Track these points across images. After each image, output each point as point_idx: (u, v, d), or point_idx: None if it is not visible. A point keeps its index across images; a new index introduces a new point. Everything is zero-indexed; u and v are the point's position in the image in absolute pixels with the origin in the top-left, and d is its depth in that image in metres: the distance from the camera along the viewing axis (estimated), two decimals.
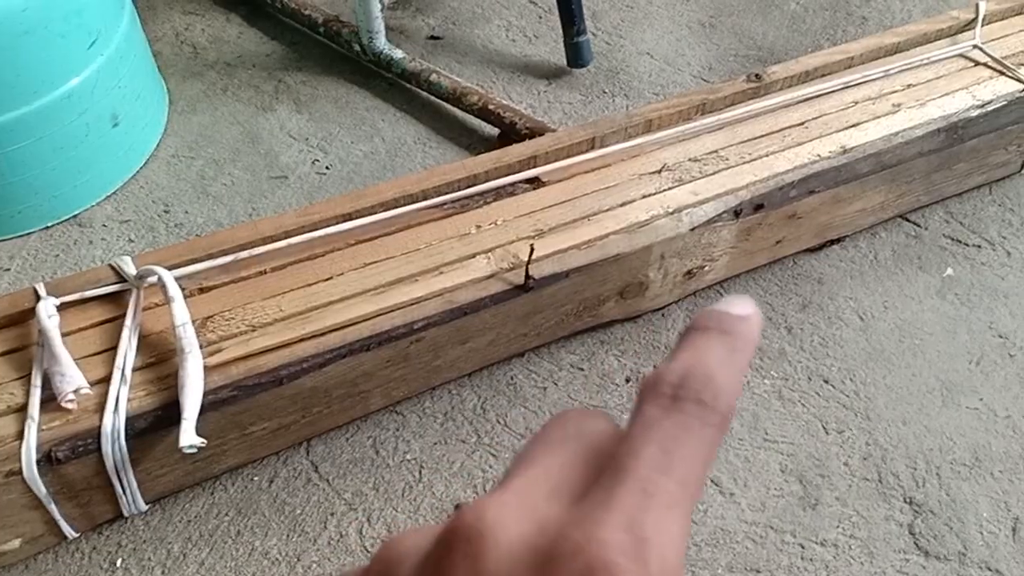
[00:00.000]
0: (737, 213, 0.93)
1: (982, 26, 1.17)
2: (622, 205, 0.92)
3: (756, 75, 1.06)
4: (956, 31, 1.18)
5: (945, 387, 0.99)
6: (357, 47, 1.26)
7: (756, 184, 0.94)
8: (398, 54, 1.25)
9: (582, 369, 0.98)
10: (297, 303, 0.80)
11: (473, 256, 0.86)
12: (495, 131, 1.21)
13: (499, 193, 0.92)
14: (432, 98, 1.25)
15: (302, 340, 0.78)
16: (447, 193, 0.90)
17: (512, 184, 0.93)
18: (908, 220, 1.15)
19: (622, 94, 1.31)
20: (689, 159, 0.97)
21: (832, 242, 1.11)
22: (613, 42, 1.41)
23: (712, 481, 0.90)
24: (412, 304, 0.81)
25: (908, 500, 0.89)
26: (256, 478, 0.87)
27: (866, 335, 1.03)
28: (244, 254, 0.82)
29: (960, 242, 1.13)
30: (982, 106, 1.05)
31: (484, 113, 1.19)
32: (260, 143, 1.19)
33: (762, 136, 1.01)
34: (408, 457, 0.90)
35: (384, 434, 0.91)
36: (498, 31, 1.40)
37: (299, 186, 1.14)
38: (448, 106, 1.24)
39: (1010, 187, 1.21)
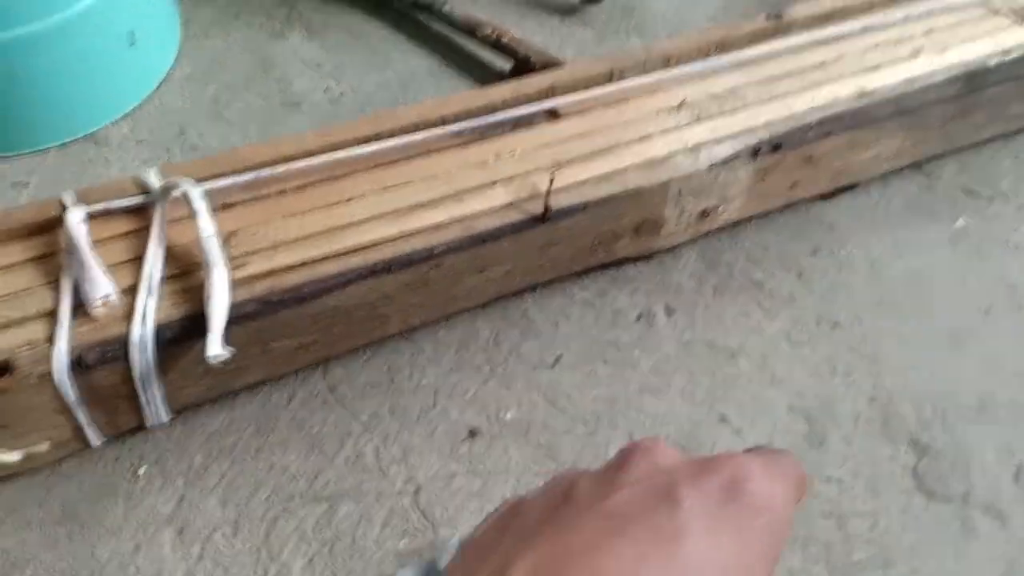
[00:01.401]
0: (755, 152, 0.97)
1: None
2: (640, 140, 0.96)
3: (776, 15, 1.09)
4: None
5: (953, 335, 1.03)
6: None
7: (775, 124, 0.98)
8: None
9: (594, 305, 1.02)
10: (319, 223, 0.84)
11: (492, 184, 0.89)
12: (507, 66, 1.24)
13: (517, 123, 0.96)
14: (444, 30, 1.28)
15: (325, 259, 0.81)
16: (465, 120, 0.94)
17: (530, 115, 0.96)
18: (922, 170, 1.20)
19: (636, 32, 1.35)
20: (708, 96, 1.01)
21: (844, 189, 1.15)
22: None
23: (721, 416, 0.95)
24: (432, 229, 0.85)
25: (913, 442, 0.94)
26: (275, 396, 0.91)
27: (876, 281, 1.08)
28: (266, 172, 0.85)
29: (973, 193, 1.18)
30: (1004, 54, 1.09)
31: (498, 46, 1.22)
32: (273, 69, 1.22)
33: (781, 76, 1.04)
34: (423, 383, 0.94)
35: (400, 360, 0.95)
36: None
37: (312, 113, 1.17)
38: (460, 39, 1.27)
39: None
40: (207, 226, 0.77)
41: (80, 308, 0.75)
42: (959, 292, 1.07)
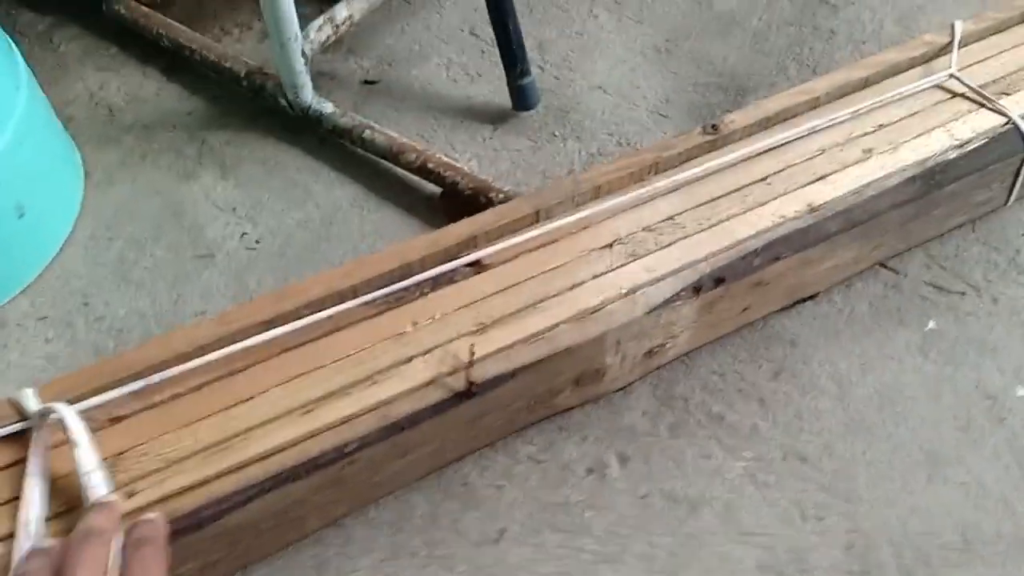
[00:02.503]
0: (697, 289, 0.91)
1: (959, 50, 1.15)
2: (571, 288, 0.90)
3: (713, 126, 1.03)
4: (931, 57, 1.16)
5: (930, 459, 0.97)
6: (283, 101, 1.23)
7: (716, 255, 0.92)
8: (328, 108, 1.22)
9: (540, 461, 0.96)
10: (215, 431, 0.77)
11: (409, 360, 0.83)
12: (436, 190, 1.18)
13: (436, 281, 0.90)
14: (368, 154, 1.22)
15: (219, 476, 0.75)
16: (379, 287, 0.87)
17: (451, 270, 0.90)
18: (886, 267, 1.14)
19: (574, 136, 1.29)
20: (643, 228, 0.95)
21: (804, 299, 1.09)
22: (562, 76, 1.38)
23: None
24: (343, 423, 0.79)
25: None
26: None
27: (843, 404, 1.01)
28: (156, 377, 0.79)
29: (942, 289, 1.12)
30: (961, 146, 1.04)
31: (424, 172, 1.16)
32: (183, 216, 1.15)
33: (721, 196, 0.98)
34: None
35: (326, 552, 0.88)
36: (438, 70, 1.37)
37: (227, 264, 1.11)
38: (386, 163, 1.21)
39: (995, 223, 1.19)
40: (87, 460, 0.70)
41: None
42: (934, 408, 1.01)
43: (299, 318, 0.84)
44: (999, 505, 0.94)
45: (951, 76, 1.12)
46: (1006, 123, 1.06)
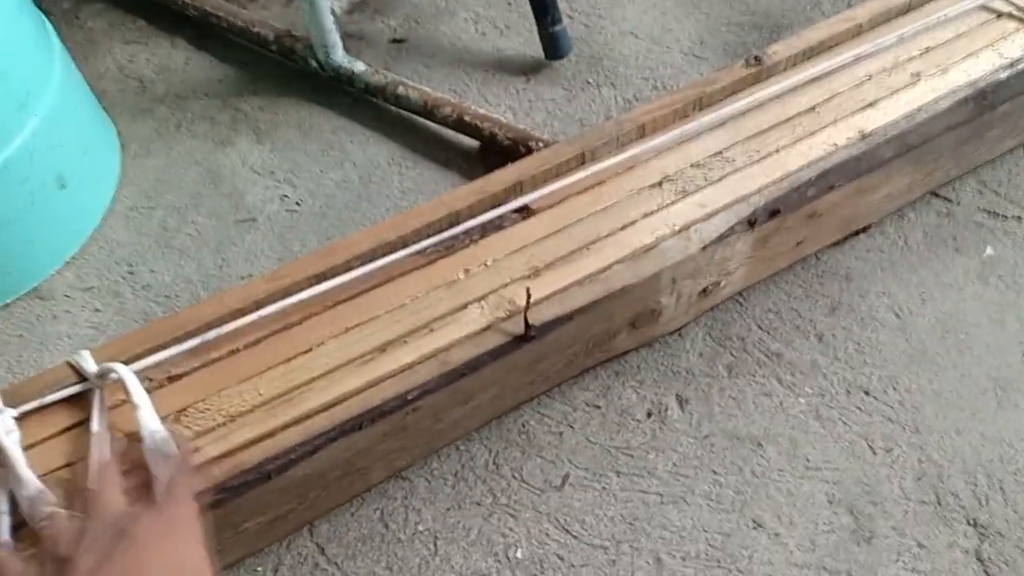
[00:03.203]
0: (752, 223, 0.90)
1: None
2: (623, 228, 0.88)
3: (756, 58, 1.02)
4: None
5: (999, 386, 0.96)
6: (314, 63, 1.22)
7: (769, 187, 0.91)
8: (359, 67, 1.21)
9: (598, 407, 0.95)
10: (277, 384, 0.77)
11: (465, 307, 0.82)
12: (473, 144, 1.17)
13: (485, 228, 0.89)
14: (402, 111, 1.21)
15: (286, 427, 0.75)
16: (428, 236, 0.87)
17: (499, 217, 0.89)
18: (938, 195, 1.12)
19: (608, 83, 1.27)
20: (691, 165, 0.94)
21: (857, 232, 1.07)
22: (592, 23, 1.36)
23: (754, 521, 0.87)
24: (403, 371, 0.78)
25: (972, 522, 0.87)
26: (260, 568, 0.85)
27: (905, 335, 1.00)
28: (212, 334, 0.79)
29: (998, 215, 1.10)
30: (1011, 65, 1.01)
31: (460, 125, 1.15)
32: (222, 183, 1.15)
33: (769, 128, 0.97)
34: (420, 528, 0.87)
35: (392, 504, 0.88)
36: (466, 25, 1.36)
37: (269, 228, 1.10)
38: (421, 120, 1.20)
39: None
40: (149, 421, 0.70)
41: (24, 527, 0.68)
42: (998, 335, 0.99)
43: (350, 270, 0.84)
44: None
45: None
46: None
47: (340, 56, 1.20)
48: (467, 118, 1.14)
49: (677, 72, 1.28)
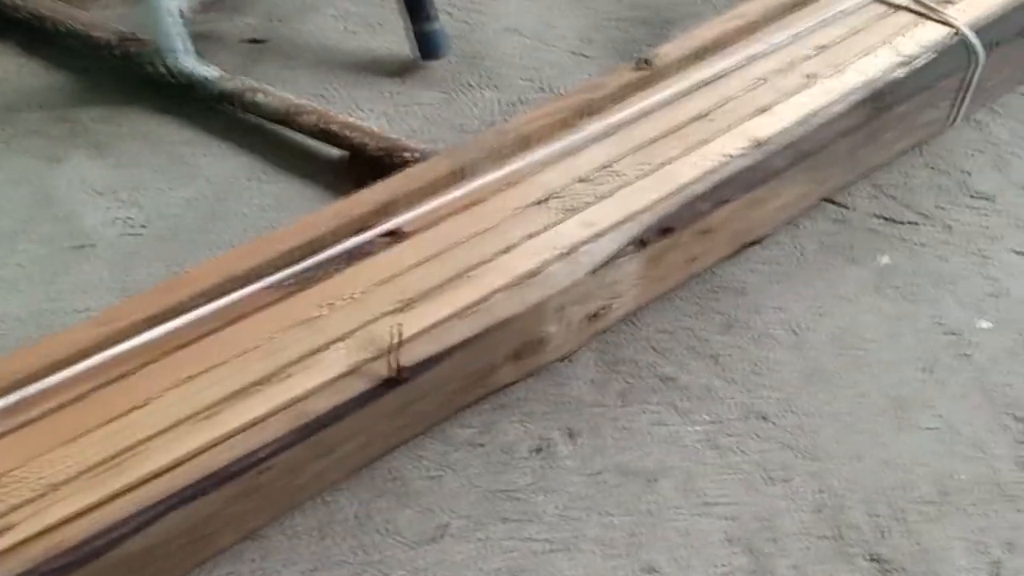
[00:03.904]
0: (643, 242, 0.84)
1: None
2: (504, 252, 0.82)
3: (644, 60, 0.97)
4: None
5: (897, 405, 0.92)
6: (161, 69, 1.13)
7: (660, 203, 0.86)
8: (212, 72, 1.12)
9: (481, 445, 0.88)
10: (105, 445, 0.69)
11: (326, 347, 0.75)
12: (343, 151, 1.09)
13: (351, 255, 0.81)
14: (261, 120, 1.12)
15: (115, 497, 0.66)
16: (284, 267, 0.79)
17: (366, 242, 0.82)
18: (832, 202, 1.09)
19: (489, 85, 1.21)
20: (577, 180, 0.88)
21: (751, 243, 1.03)
22: (472, 20, 1.29)
23: (649, 566, 0.82)
24: (253, 426, 0.70)
25: (874, 557, 0.83)
26: None
27: (801, 352, 0.96)
28: (33, 388, 0.69)
29: (892, 220, 1.08)
30: (908, 63, 0.99)
31: (326, 135, 1.07)
32: (56, 204, 1.05)
33: (659, 137, 0.92)
34: None
35: (244, 568, 0.80)
36: (333, 23, 1.28)
37: (110, 254, 1.01)
38: (282, 129, 1.11)
39: (940, 145, 1.15)
40: None
41: None
42: (895, 349, 0.97)
43: (191, 310, 0.75)
44: (973, 449, 0.90)
45: None
46: (954, 34, 1.01)
47: (190, 61, 1.11)
48: (333, 127, 1.07)
49: (562, 72, 1.23)
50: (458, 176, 0.87)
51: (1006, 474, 0.88)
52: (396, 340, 0.73)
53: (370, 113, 1.16)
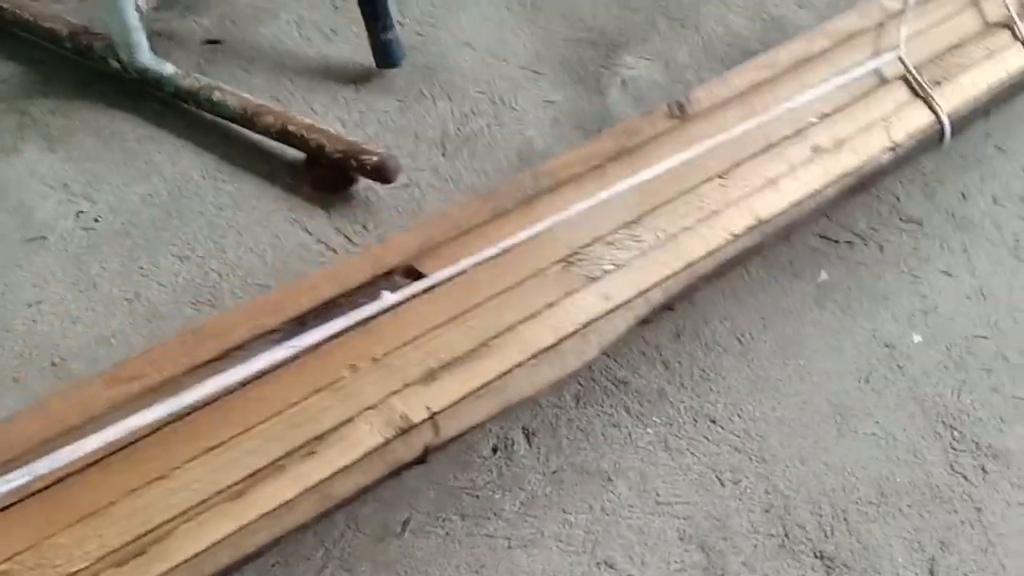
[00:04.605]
0: (646, 321, 0.88)
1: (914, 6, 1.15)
2: (525, 320, 0.83)
3: (679, 106, 0.98)
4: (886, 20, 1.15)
5: (838, 412, 0.96)
6: (116, 63, 1.11)
7: (670, 280, 0.88)
8: (168, 69, 1.10)
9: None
10: (127, 525, 0.64)
11: (350, 421, 0.73)
12: (301, 153, 1.09)
13: (376, 306, 0.78)
14: (218, 119, 1.11)
15: None
16: (310, 320, 0.77)
17: (392, 290, 0.80)
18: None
19: (444, 95, 1.22)
20: (602, 241, 0.89)
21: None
22: (426, 32, 1.31)
23: (606, 563, 0.84)
24: (280, 507, 0.68)
25: (819, 554, 0.86)
26: None
27: (747, 360, 0.99)
28: (42, 465, 0.62)
29: (830, 239, 1.12)
30: (894, 149, 1.04)
31: (284, 135, 1.07)
32: (7, 196, 1.02)
33: (678, 197, 0.94)
34: None
35: None
36: (288, 28, 1.27)
37: (63, 247, 0.99)
38: (240, 128, 1.11)
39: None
40: None
41: None
42: (836, 360, 1.00)
43: (215, 371, 0.70)
44: (909, 454, 0.94)
45: (898, 59, 1.10)
46: (935, 123, 1.07)
47: (146, 57, 1.10)
48: (292, 128, 1.06)
49: (515, 86, 1.24)
50: (489, 217, 0.88)
51: (939, 477, 0.92)
52: (425, 421, 0.73)
53: (326, 117, 1.16)
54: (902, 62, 1.10)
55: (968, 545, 0.88)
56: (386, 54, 1.20)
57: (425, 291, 0.81)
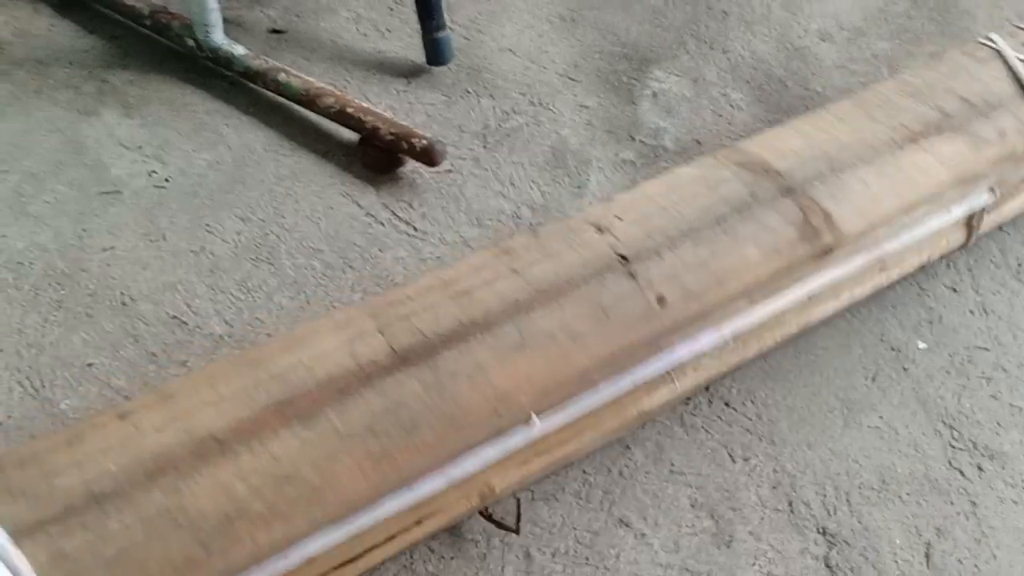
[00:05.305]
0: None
1: None
2: None
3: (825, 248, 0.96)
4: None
5: (845, 405, 1.02)
6: (191, 42, 1.18)
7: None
8: (239, 50, 1.17)
9: None
10: None
11: None
12: (354, 135, 1.16)
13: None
14: (281, 99, 1.18)
15: None
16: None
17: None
18: None
19: (487, 94, 1.29)
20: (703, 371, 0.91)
21: None
22: (472, 37, 1.38)
23: (621, 520, 0.89)
24: None
25: (821, 530, 0.91)
26: None
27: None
28: None
29: None
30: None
31: (342, 117, 1.14)
32: (85, 152, 1.09)
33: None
34: None
35: None
36: (347, 24, 1.35)
37: (135, 202, 1.05)
38: (299, 108, 1.18)
39: None
40: None
41: None
42: (845, 358, 1.06)
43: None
44: (910, 448, 0.99)
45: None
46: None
47: (220, 37, 1.17)
48: (350, 110, 1.13)
49: (553, 91, 1.31)
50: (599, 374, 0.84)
51: (938, 471, 0.97)
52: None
53: (378, 106, 1.22)
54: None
55: (963, 534, 0.93)
56: (437, 52, 1.27)
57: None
